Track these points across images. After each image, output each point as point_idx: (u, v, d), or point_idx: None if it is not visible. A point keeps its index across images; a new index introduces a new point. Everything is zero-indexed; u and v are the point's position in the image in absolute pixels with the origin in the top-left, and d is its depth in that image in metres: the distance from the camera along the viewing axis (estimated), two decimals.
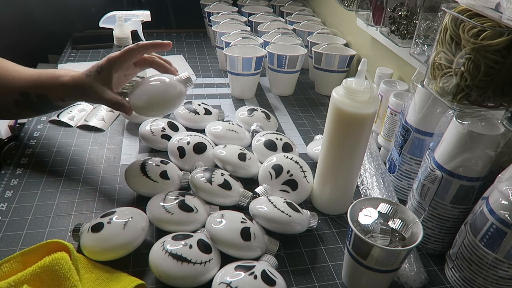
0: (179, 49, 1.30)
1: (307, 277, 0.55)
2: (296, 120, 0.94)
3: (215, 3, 1.30)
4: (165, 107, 0.66)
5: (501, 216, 0.46)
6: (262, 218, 0.58)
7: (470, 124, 0.51)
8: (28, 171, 0.71)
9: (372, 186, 0.68)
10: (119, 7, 0.95)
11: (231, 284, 0.48)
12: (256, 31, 1.16)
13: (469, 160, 0.51)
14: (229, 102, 1.00)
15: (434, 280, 0.56)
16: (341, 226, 0.65)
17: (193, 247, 0.52)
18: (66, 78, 0.66)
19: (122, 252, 0.54)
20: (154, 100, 0.65)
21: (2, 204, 0.63)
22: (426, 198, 0.57)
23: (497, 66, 0.46)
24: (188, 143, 0.72)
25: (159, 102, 0.65)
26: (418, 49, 0.65)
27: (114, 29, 0.88)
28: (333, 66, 1.00)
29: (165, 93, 0.65)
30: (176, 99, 0.66)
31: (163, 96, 0.65)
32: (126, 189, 0.67)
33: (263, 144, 0.74)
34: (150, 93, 0.65)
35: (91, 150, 0.78)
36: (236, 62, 0.94)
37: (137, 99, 0.64)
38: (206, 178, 0.63)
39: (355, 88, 0.55)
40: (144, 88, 0.65)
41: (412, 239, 0.49)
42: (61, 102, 0.69)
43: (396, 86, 0.79)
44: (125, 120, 0.88)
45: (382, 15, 0.80)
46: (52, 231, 0.59)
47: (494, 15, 0.44)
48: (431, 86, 0.54)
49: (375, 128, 0.83)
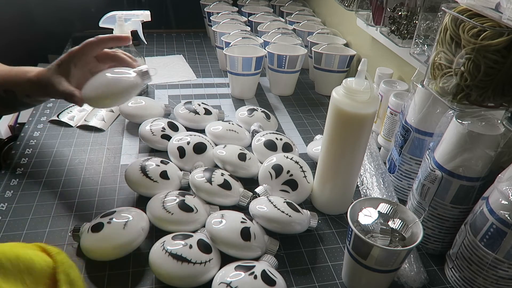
0: (179, 49, 1.30)
1: (307, 277, 0.55)
2: (296, 120, 0.94)
3: (215, 3, 1.30)
4: (116, 98, 0.64)
5: (501, 216, 0.46)
6: (262, 218, 0.58)
7: (470, 124, 0.51)
8: (28, 171, 0.71)
9: (372, 186, 0.68)
10: (119, 7, 0.95)
11: (231, 284, 0.48)
12: (256, 31, 1.16)
13: (469, 160, 0.51)
14: (229, 102, 1.00)
15: (434, 280, 0.56)
16: (341, 226, 0.65)
17: (193, 247, 0.52)
18: (32, 74, 0.65)
19: (122, 252, 0.54)
20: (105, 90, 0.63)
21: (2, 204, 0.63)
22: (426, 198, 0.57)
23: (497, 66, 0.46)
24: (188, 143, 0.72)
25: (110, 93, 0.63)
26: (418, 49, 0.65)
27: (114, 29, 0.88)
28: (333, 66, 1.00)
29: (116, 84, 0.63)
30: (128, 90, 0.64)
31: (114, 87, 0.63)
32: (126, 189, 0.67)
33: (263, 144, 0.74)
34: (100, 83, 0.63)
35: (91, 150, 0.78)
36: (236, 62, 0.94)
37: (88, 90, 0.63)
38: (206, 178, 0.63)
39: (355, 88, 0.55)
40: (96, 79, 0.64)
41: (412, 239, 0.49)
42: (27, 99, 0.67)
43: (396, 86, 0.79)
44: (125, 120, 0.88)
45: (382, 15, 0.80)
46: (52, 231, 0.59)
47: (494, 15, 0.44)
48: (431, 86, 0.54)
49: (375, 128, 0.83)
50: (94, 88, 0.63)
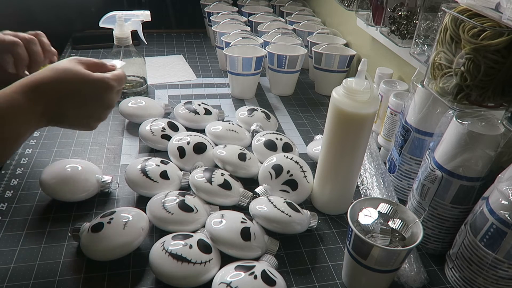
0: (179, 49, 1.30)
1: (307, 277, 0.55)
2: (296, 120, 0.94)
3: (215, 3, 1.30)
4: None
5: (501, 216, 0.46)
6: (262, 218, 0.58)
7: (470, 124, 0.51)
8: (28, 171, 0.71)
9: (372, 186, 0.68)
10: (119, 7, 0.95)
11: (231, 284, 0.48)
12: (256, 31, 1.16)
13: (469, 160, 0.51)
14: (229, 102, 1.00)
15: (434, 280, 0.56)
16: (341, 226, 0.65)
17: (193, 247, 0.52)
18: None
19: (122, 252, 0.54)
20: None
21: (2, 204, 0.63)
22: (426, 198, 0.57)
23: (497, 66, 0.46)
24: (188, 143, 0.72)
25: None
26: (418, 49, 0.65)
27: (114, 29, 0.88)
28: (333, 66, 1.00)
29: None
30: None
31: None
32: (126, 189, 0.67)
33: (263, 144, 0.74)
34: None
35: (91, 150, 0.78)
36: (236, 62, 0.94)
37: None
38: (206, 178, 0.63)
39: (355, 88, 0.55)
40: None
41: (412, 239, 0.49)
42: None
43: (396, 86, 0.79)
44: (125, 120, 0.88)
45: (382, 15, 0.80)
46: (52, 231, 0.59)
47: (494, 15, 0.44)
48: (431, 86, 0.54)
49: (375, 128, 0.83)
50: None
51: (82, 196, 0.63)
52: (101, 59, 0.60)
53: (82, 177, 0.64)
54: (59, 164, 0.65)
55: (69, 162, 0.66)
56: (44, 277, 0.52)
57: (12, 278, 0.52)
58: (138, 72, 0.96)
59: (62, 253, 0.56)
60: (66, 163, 0.65)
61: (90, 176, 0.65)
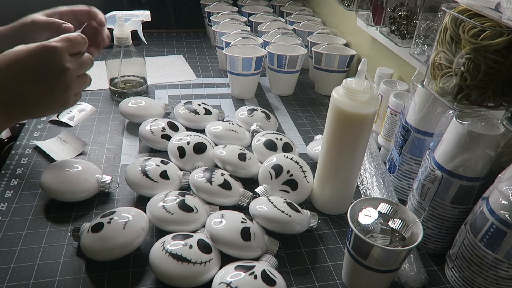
0: (179, 49, 1.30)
1: (307, 277, 0.55)
2: (296, 120, 0.94)
3: (215, 3, 1.30)
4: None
5: (501, 216, 0.46)
6: (262, 218, 0.58)
7: (470, 124, 0.51)
8: (28, 171, 0.71)
9: (372, 186, 0.68)
10: (119, 7, 0.94)
11: (231, 284, 0.48)
12: (256, 31, 1.16)
13: (469, 160, 0.51)
14: (229, 102, 1.00)
15: (434, 280, 0.56)
16: (341, 226, 0.65)
17: (193, 247, 0.52)
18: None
19: (122, 252, 0.54)
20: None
21: (2, 204, 0.63)
22: (426, 198, 0.57)
23: (497, 66, 0.46)
24: (188, 143, 0.72)
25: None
26: (418, 49, 0.65)
27: (114, 29, 0.88)
28: (333, 66, 1.00)
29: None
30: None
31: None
32: (126, 189, 0.67)
33: (263, 144, 0.74)
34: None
35: (91, 150, 0.78)
36: (236, 62, 0.94)
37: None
38: (206, 178, 0.63)
39: (355, 88, 0.55)
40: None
41: (412, 239, 0.49)
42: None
43: (396, 86, 0.79)
44: (125, 120, 0.88)
45: (382, 15, 0.80)
46: (52, 231, 0.59)
47: (494, 15, 0.44)
48: (431, 86, 0.54)
49: (375, 128, 0.83)
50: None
51: (82, 196, 0.63)
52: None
53: (82, 177, 0.64)
54: (59, 164, 0.65)
55: (69, 162, 0.66)
56: (44, 277, 0.52)
57: (12, 278, 0.52)
58: (138, 72, 0.96)
59: (62, 253, 0.56)
60: (66, 163, 0.65)
61: (90, 176, 0.65)
